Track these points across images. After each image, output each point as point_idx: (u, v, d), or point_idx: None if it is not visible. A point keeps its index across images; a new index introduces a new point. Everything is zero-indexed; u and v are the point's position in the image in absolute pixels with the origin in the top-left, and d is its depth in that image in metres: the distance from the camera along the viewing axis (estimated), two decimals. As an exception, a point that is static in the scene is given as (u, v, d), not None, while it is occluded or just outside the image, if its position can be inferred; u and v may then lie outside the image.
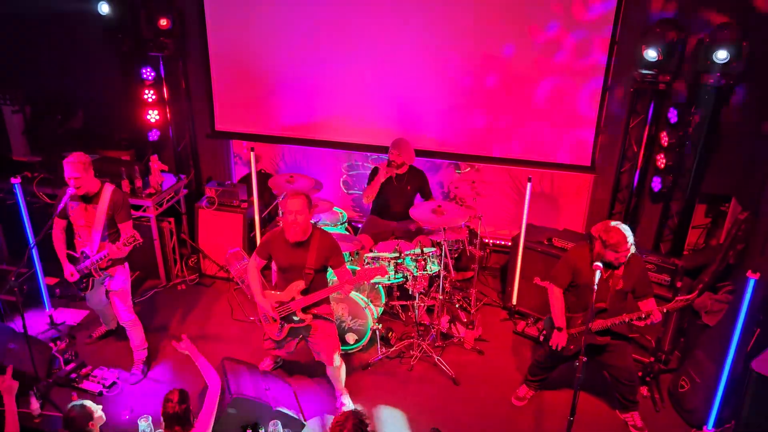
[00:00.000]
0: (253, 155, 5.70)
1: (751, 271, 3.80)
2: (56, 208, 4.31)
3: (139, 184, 5.62)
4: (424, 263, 4.92)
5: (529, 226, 5.33)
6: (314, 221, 5.33)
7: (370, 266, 4.86)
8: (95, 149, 6.23)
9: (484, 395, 4.63)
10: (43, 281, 5.16)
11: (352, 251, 5.12)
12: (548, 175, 6.14)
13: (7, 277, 4.13)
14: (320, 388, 4.64)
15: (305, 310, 4.12)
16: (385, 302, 5.25)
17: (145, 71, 6.22)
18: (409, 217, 5.17)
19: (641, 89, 5.30)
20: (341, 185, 6.74)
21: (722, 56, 4.68)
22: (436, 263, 4.99)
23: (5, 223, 5.80)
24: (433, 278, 5.18)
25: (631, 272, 3.88)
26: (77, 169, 4.14)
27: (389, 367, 4.89)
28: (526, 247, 5.29)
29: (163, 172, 5.86)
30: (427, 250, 5.01)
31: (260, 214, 5.82)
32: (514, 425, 4.38)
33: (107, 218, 4.32)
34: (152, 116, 6.39)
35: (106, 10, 5.98)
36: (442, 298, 5.03)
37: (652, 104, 5.30)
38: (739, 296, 3.93)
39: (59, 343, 4.72)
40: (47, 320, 5.21)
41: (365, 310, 4.84)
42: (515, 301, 5.50)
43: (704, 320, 4.75)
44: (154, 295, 5.75)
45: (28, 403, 4.15)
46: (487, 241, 6.27)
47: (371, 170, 5.64)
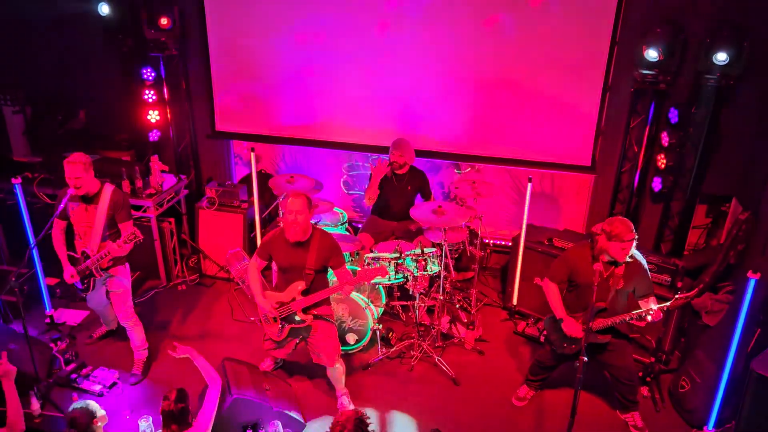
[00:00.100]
0: (253, 155, 5.70)
1: (751, 271, 3.80)
2: (56, 208, 4.32)
3: (139, 184, 5.63)
4: (424, 263, 4.92)
5: (529, 226, 5.34)
6: (315, 222, 5.35)
7: (370, 266, 4.87)
8: (96, 150, 6.24)
9: (484, 395, 4.63)
10: (43, 281, 5.16)
11: (352, 251, 5.12)
12: (548, 175, 6.14)
13: (7, 277, 4.13)
14: (321, 388, 4.64)
15: (306, 310, 4.13)
16: (385, 303, 5.25)
17: (145, 71, 6.21)
18: (409, 217, 5.17)
19: (642, 89, 5.31)
20: (342, 185, 6.74)
21: (722, 58, 4.69)
22: (436, 263, 4.99)
23: (6, 223, 5.79)
24: (433, 278, 5.18)
25: (631, 272, 3.88)
26: (77, 169, 4.15)
27: (390, 367, 4.90)
28: (526, 247, 5.29)
29: (163, 172, 5.86)
30: (427, 250, 5.01)
31: (261, 214, 5.82)
32: (514, 425, 4.38)
33: (107, 218, 4.33)
34: (153, 116, 6.38)
35: (106, 11, 5.98)
36: (442, 298, 5.03)
37: (652, 104, 5.30)
38: (739, 296, 3.93)
39: (60, 343, 4.72)
40: (48, 320, 5.21)
41: (366, 310, 4.84)
42: (516, 301, 5.50)
43: (705, 320, 4.75)
44: (154, 295, 5.75)
45: (28, 403, 4.15)
46: (487, 241, 6.27)
47: (371, 173, 5.63)
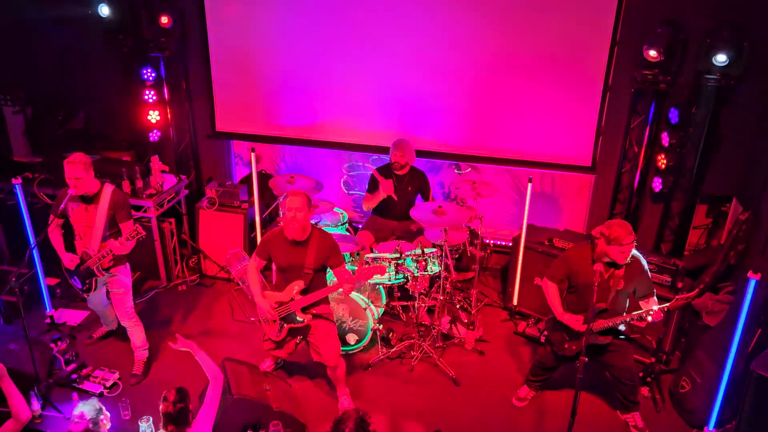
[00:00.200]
0: (253, 156, 5.70)
1: (752, 271, 3.79)
2: (55, 208, 4.32)
3: (139, 184, 5.63)
4: (424, 264, 4.92)
5: (529, 226, 5.34)
6: (315, 222, 5.36)
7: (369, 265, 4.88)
8: (96, 150, 6.24)
9: (484, 396, 4.62)
10: (43, 282, 5.16)
11: (352, 252, 5.12)
12: (549, 175, 6.14)
13: (8, 277, 4.13)
14: (321, 388, 4.64)
15: (305, 310, 4.12)
16: (385, 303, 5.25)
17: (145, 72, 6.21)
18: (409, 217, 5.17)
19: (642, 89, 5.30)
20: (342, 186, 6.74)
21: (721, 59, 4.70)
22: (436, 264, 4.99)
23: (6, 223, 5.79)
24: (433, 279, 5.18)
25: (632, 272, 3.88)
26: (77, 169, 4.14)
27: (390, 367, 4.89)
28: (526, 247, 5.29)
29: (163, 172, 5.86)
30: (427, 250, 5.01)
31: (261, 214, 5.82)
32: (514, 426, 4.38)
33: (108, 218, 4.33)
34: (153, 117, 6.38)
35: (106, 12, 5.98)
36: (442, 298, 5.03)
37: (652, 104, 5.29)
38: (740, 297, 3.93)
39: (60, 343, 4.72)
40: (48, 321, 5.21)
41: (366, 310, 4.84)
42: (516, 301, 5.49)
43: (705, 321, 4.75)
44: (154, 295, 5.75)
45: (28, 403, 4.13)
46: (487, 241, 6.27)
47: (372, 176, 5.62)
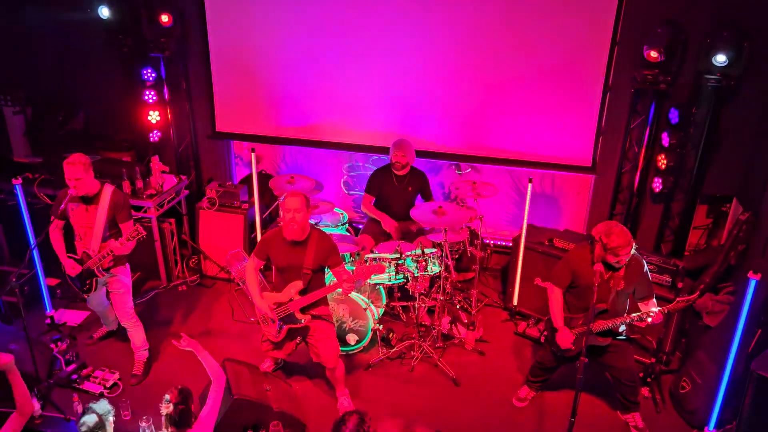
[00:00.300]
0: (254, 156, 5.71)
1: (752, 271, 3.79)
2: (55, 209, 4.32)
3: (140, 185, 5.63)
4: (424, 264, 4.92)
5: (529, 226, 5.33)
6: (315, 222, 5.36)
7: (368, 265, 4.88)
8: (96, 150, 6.24)
9: (484, 396, 4.62)
10: (44, 282, 5.16)
11: (352, 252, 5.12)
12: (549, 175, 6.14)
13: (8, 278, 4.13)
14: (321, 389, 4.64)
15: (303, 310, 4.12)
16: (385, 303, 5.25)
17: (145, 72, 6.21)
18: (409, 217, 5.17)
19: (642, 89, 5.30)
20: (342, 186, 6.74)
21: (721, 60, 4.70)
22: (436, 264, 4.99)
23: (6, 224, 5.79)
24: (433, 279, 5.18)
25: (632, 273, 3.88)
26: (77, 170, 4.14)
27: (390, 367, 4.89)
28: (526, 247, 5.29)
29: (163, 173, 5.85)
30: (427, 251, 5.01)
31: (261, 215, 5.82)
32: (515, 426, 4.38)
33: (108, 219, 4.33)
34: (153, 117, 6.38)
35: (106, 13, 5.98)
36: (442, 299, 5.03)
37: (652, 105, 5.29)
38: (740, 297, 3.92)
39: (60, 344, 4.72)
40: (48, 321, 5.21)
41: (366, 311, 4.84)
42: (516, 302, 5.49)
43: (705, 321, 4.75)
44: (155, 295, 5.75)
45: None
46: (487, 241, 6.27)
47: (372, 174, 5.62)
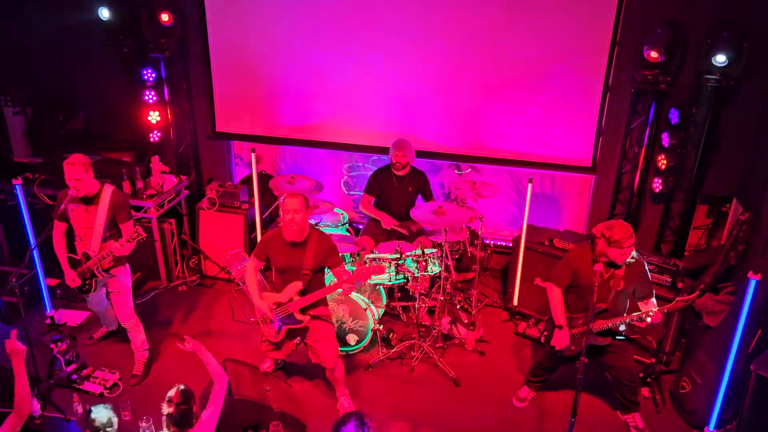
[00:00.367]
0: (254, 156, 5.71)
1: (752, 272, 3.79)
2: (56, 211, 4.32)
3: (140, 185, 5.63)
4: (425, 264, 4.92)
5: (529, 227, 5.33)
6: (315, 222, 5.36)
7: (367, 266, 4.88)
8: (96, 151, 6.25)
9: (485, 396, 4.62)
10: (44, 282, 5.16)
11: (352, 253, 5.12)
12: (549, 176, 6.14)
13: (8, 278, 4.13)
14: (321, 389, 4.64)
15: (303, 311, 4.12)
16: (386, 303, 5.25)
17: (145, 72, 6.22)
18: (410, 218, 5.17)
19: (642, 90, 5.30)
20: (342, 186, 6.74)
21: (721, 60, 4.70)
22: (436, 264, 4.99)
23: (6, 224, 5.79)
24: (433, 279, 5.18)
25: (632, 273, 3.87)
26: (77, 170, 4.14)
27: (390, 368, 4.89)
28: (527, 248, 5.29)
29: (164, 173, 5.86)
30: (428, 251, 5.00)
31: (261, 215, 5.83)
32: (515, 426, 4.38)
33: (108, 219, 4.33)
34: (153, 117, 6.39)
35: (106, 15, 5.98)
36: (443, 299, 5.03)
37: (652, 105, 5.29)
38: (740, 297, 3.92)
39: (60, 344, 4.72)
40: (48, 321, 5.21)
41: (366, 311, 4.84)
42: (516, 302, 5.49)
43: (705, 321, 4.75)
44: (155, 296, 5.75)
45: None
46: (488, 242, 6.27)
47: (372, 174, 5.62)
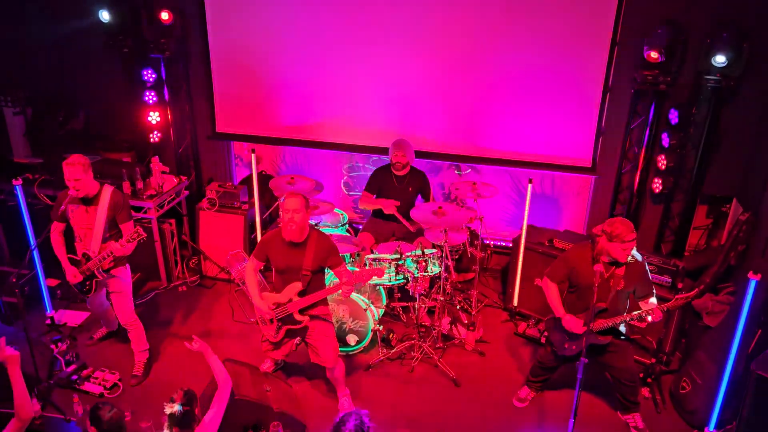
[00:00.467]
0: (254, 157, 5.71)
1: (752, 272, 3.79)
2: (55, 211, 4.32)
3: (140, 185, 5.63)
4: (424, 264, 4.92)
5: (529, 227, 5.34)
6: (315, 223, 5.36)
7: (369, 267, 4.88)
8: (96, 151, 6.25)
9: (485, 396, 4.62)
10: (44, 283, 5.16)
11: (352, 253, 5.12)
12: (549, 176, 6.14)
13: (8, 278, 4.13)
14: (321, 389, 4.64)
15: (303, 311, 4.12)
16: (386, 304, 5.25)
17: (146, 73, 6.22)
18: (410, 218, 5.17)
19: (642, 90, 5.30)
20: (342, 187, 6.75)
21: (720, 60, 4.71)
22: (436, 264, 4.99)
23: (6, 224, 5.79)
24: (433, 280, 5.18)
25: (632, 272, 3.87)
26: (77, 171, 4.14)
27: (390, 368, 4.89)
28: (526, 248, 5.29)
29: (164, 173, 5.86)
30: (427, 251, 5.00)
31: (261, 215, 5.83)
32: (515, 426, 4.38)
33: (108, 219, 4.33)
34: (153, 118, 6.39)
35: (107, 17, 5.99)
36: (443, 299, 5.03)
37: (652, 105, 5.30)
38: (740, 297, 3.93)
39: (60, 344, 4.72)
40: (48, 322, 5.21)
41: (366, 311, 4.83)
42: (516, 302, 5.49)
43: (705, 321, 4.75)
44: (155, 296, 5.75)
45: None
46: (488, 242, 6.27)
47: (372, 173, 5.63)
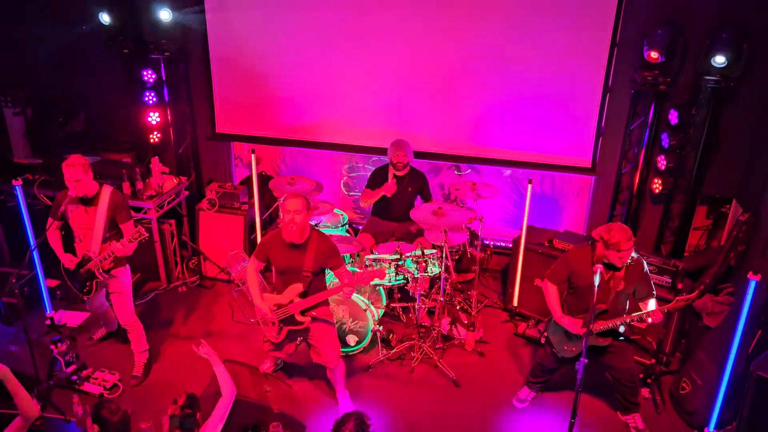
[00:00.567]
0: (253, 157, 5.70)
1: (752, 272, 3.79)
2: (54, 211, 4.31)
3: (140, 186, 5.62)
4: (424, 265, 4.92)
5: (529, 227, 5.34)
6: (315, 223, 5.36)
7: (369, 268, 4.87)
8: (96, 151, 6.25)
9: (485, 397, 4.62)
10: (44, 283, 5.16)
11: (352, 253, 5.12)
12: (549, 176, 6.14)
13: (8, 279, 4.13)
14: (321, 390, 4.64)
15: (304, 312, 4.12)
16: (385, 304, 5.25)
17: (146, 73, 6.23)
18: (409, 218, 5.17)
19: (642, 90, 5.31)
20: (342, 187, 6.75)
21: (720, 61, 4.71)
22: (436, 265, 4.99)
23: (6, 225, 5.79)
24: (433, 280, 5.18)
25: (632, 274, 3.87)
26: (77, 171, 4.14)
27: (390, 368, 4.89)
28: (526, 248, 5.29)
29: (164, 174, 5.86)
30: (427, 251, 5.01)
31: (261, 216, 5.83)
32: (515, 427, 4.38)
33: (108, 219, 4.33)
34: (153, 118, 6.40)
35: (107, 20, 5.99)
36: (442, 300, 5.03)
37: (652, 106, 5.30)
38: (740, 298, 3.93)
39: (60, 345, 4.71)
40: (48, 322, 5.21)
41: (366, 312, 4.84)
42: (516, 302, 5.49)
43: (705, 322, 4.74)
44: (154, 297, 5.75)
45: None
46: (487, 242, 6.27)
47: (373, 172, 5.63)
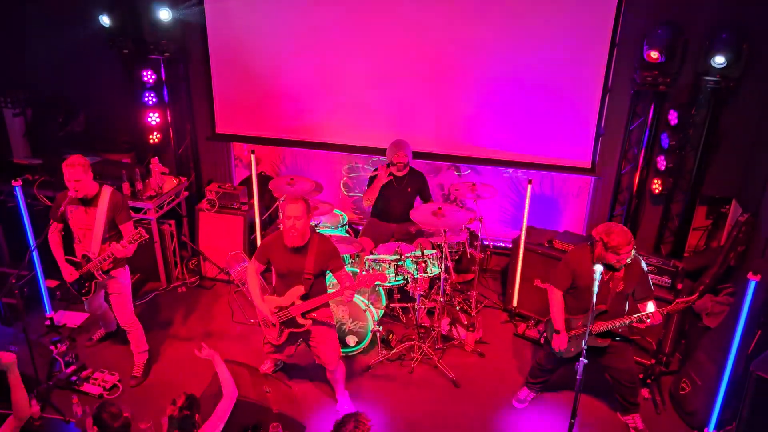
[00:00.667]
0: (253, 158, 5.71)
1: (751, 272, 3.79)
2: (54, 212, 4.32)
3: (139, 186, 5.62)
4: (424, 265, 4.92)
5: (529, 228, 5.34)
6: (315, 224, 5.36)
7: (370, 269, 4.86)
8: (96, 152, 6.25)
9: (484, 397, 4.62)
10: (43, 284, 5.16)
11: (352, 254, 5.12)
12: (549, 177, 6.14)
13: (7, 279, 4.13)
14: (321, 390, 4.64)
15: (305, 315, 4.12)
16: (385, 305, 5.25)
17: (145, 74, 6.22)
18: (409, 219, 5.17)
19: (642, 91, 5.31)
20: (341, 187, 6.75)
21: (720, 61, 4.71)
22: (436, 265, 4.99)
23: (6, 225, 5.79)
24: (433, 280, 5.18)
25: (631, 274, 3.88)
26: (77, 172, 4.14)
27: (390, 369, 4.89)
28: (526, 249, 5.29)
29: (163, 174, 5.86)
30: (427, 252, 5.01)
31: (261, 216, 5.83)
32: (514, 427, 4.38)
33: (107, 220, 4.33)
34: (153, 119, 6.40)
35: (107, 22, 5.99)
36: (442, 300, 5.03)
37: (652, 106, 5.30)
38: (739, 298, 3.93)
39: (60, 345, 4.71)
40: (48, 323, 5.21)
41: (366, 312, 4.84)
42: (516, 303, 5.49)
43: (705, 322, 4.74)
44: (154, 297, 5.75)
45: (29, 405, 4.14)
46: (487, 243, 6.27)
47: (370, 175, 5.63)
